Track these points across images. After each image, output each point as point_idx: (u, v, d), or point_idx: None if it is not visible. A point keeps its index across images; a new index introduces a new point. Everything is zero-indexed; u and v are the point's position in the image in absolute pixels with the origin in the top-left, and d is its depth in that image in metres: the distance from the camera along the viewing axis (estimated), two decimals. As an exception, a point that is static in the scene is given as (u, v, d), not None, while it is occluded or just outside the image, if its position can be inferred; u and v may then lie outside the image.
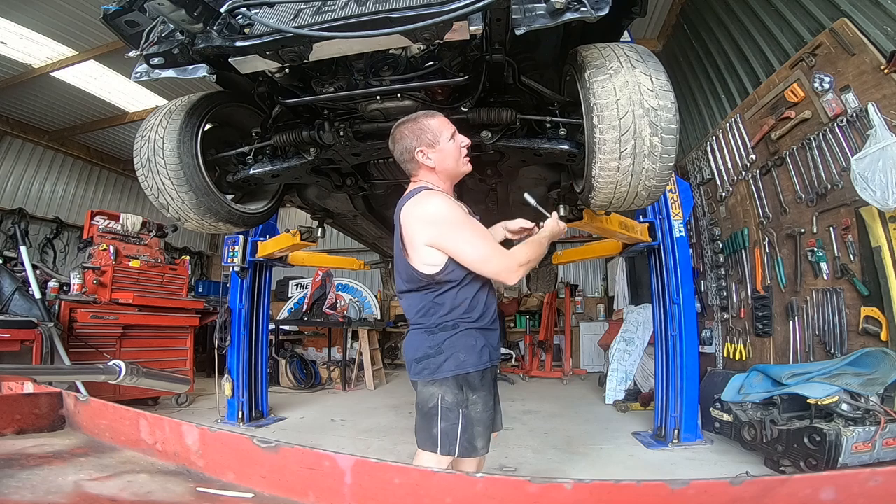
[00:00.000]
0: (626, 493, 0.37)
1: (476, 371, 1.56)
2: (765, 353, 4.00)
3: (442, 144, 1.58)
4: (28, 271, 3.89)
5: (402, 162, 1.63)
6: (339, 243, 9.10)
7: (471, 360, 1.55)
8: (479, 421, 1.56)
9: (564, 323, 7.74)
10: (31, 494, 0.50)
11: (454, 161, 1.62)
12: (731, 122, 4.49)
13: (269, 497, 0.51)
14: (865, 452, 2.47)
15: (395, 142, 1.61)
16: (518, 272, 1.53)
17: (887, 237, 2.90)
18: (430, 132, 1.56)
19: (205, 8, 1.39)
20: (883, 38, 3.03)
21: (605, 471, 3.06)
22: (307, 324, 6.90)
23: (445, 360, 1.54)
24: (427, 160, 1.57)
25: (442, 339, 1.56)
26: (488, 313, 1.64)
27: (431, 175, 1.61)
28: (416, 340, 1.61)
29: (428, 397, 1.56)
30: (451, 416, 1.52)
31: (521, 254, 1.56)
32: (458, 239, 1.50)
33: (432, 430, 1.52)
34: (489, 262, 1.51)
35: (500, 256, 1.52)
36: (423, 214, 1.52)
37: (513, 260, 1.53)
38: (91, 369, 0.86)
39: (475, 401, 1.56)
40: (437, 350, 1.55)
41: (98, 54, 5.63)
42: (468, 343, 1.56)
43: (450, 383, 1.54)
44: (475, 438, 1.55)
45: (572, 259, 4.89)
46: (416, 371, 1.61)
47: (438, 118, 1.60)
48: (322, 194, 2.68)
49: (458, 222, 1.52)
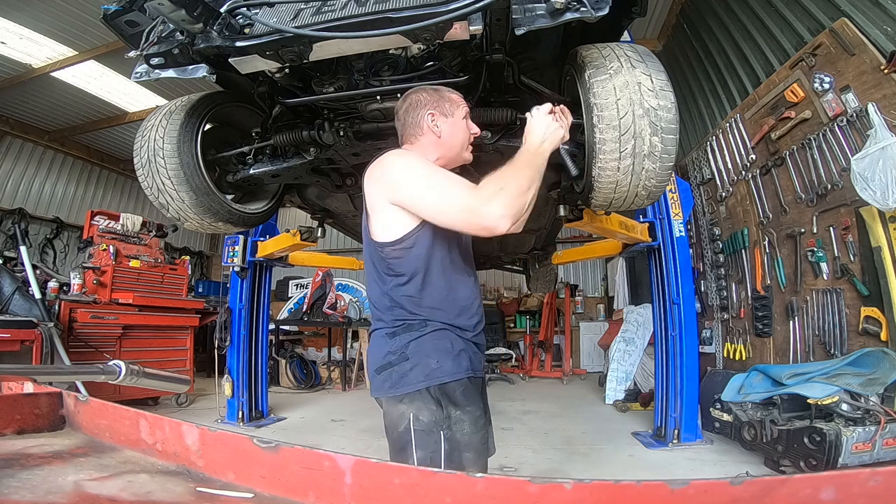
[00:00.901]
0: (626, 493, 0.37)
1: (455, 381, 1.25)
2: (765, 353, 4.00)
3: (456, 118, 1.38)
4: (28, 271, 3.89)
5: (406, 126, 1.39)
6: (339, 243, 9.10)
7: (445, 366, 1.24)
8: (467, 445, 1.25)
9: (564, 323, 7.74)
10: (31, 494, 0.49)
11: (461, 141, 1.39)
12: (731, 122, 4.49)
13: (269, 497, 0.51)
14: (865, 452, 2.47)
15: (407, 100, 1.40)
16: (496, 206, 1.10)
17: (887, 237, 2.90)
18: (448, 102, 1.38)
19: (205, 8, 1.39)
20: (883, 38, 3.03)
21: (605, 471, 3.06)
22: (307, 324, 6.90)
23: (412, 369, 1.23)
24: (435, 126, 1.35)
25: (405, 341, 1.26)
26: (469, 311, 1.34)
27: (430, 147, 1.36)
28: (375, 345, 1.32)
29: (397, 419, 1.23)
30: (430, 441, 1.20)
31: (494, 181, 1.15)
32: (419, 185, 1.21)
33: (407, 462, 1.18)
34: (456, 207, 1.15)
35: (469, 195, 1.15)
36: (387, 167, 1.27)
37: (483, 192, 1.14)
38: (91, 369, 0.86)
39: (460, 418, 1.24)
40: (401, 356, 1.25)
41: (98, 54, 5.64)
42: (441, 346, 1.26)
43: (422, 398, 1.22)
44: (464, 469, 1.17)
45: (572, 259, 4.89)
46: (377, 385, 1.29)
47: (459, 94, 1.43)
48: (322, 194, 2.68)
49: (424, 173, 1.22)
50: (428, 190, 1.20)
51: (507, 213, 1.11)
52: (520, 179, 1.16)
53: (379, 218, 1.28)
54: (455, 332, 1.30)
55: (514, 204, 1.12)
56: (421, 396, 1.22)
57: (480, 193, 1.14)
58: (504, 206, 1.11)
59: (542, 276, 5.55)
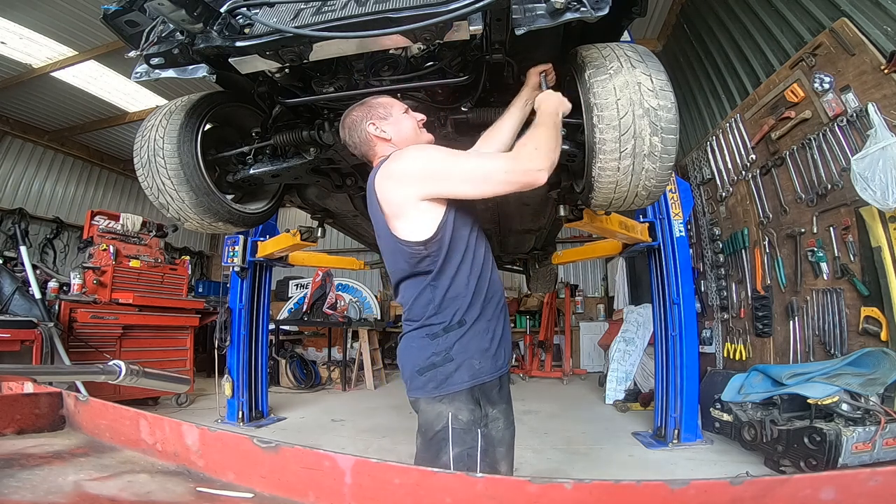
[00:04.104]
0: (626, 493, 0.37)
1: (493, 380, 1.31)
2: (765, 353, 4.00)
3: (395, 116, 1.44)
4: (28, 271, 3.89)
5: (358, 146, 1.46)
6: (339, 243, 9.10)
7: (486, 366, 1.28)
8: (500, 441, 1.31)
9: (564, 323, 7.75)
10: (31, 494, 0.50)
11: (412, 130, 1.45)
12: (731, 122, 4.49)
13: (269, 497, 0.51)
14: (865, 452, 2.47)
15: (346, 128, 1.46)
16: (536, 160, 1.24)
17: (887, 237, 2.90)
18: (380, 107, 1.45)
19: (205, 8, 1.39)
20: (883, 38, 3.03)
21: (605, 471, 3.06)
22: (307, 324, 6.90)
23: (457, 370, 1.26)
24: (382, 132, 1.42)
25: (450, 342, 1.28)
26: (496, 294, 1.38)
27: (391, 148, 1.41)
28: (416, 346, 1.33)
29: (434, 418, 1.26)
30: (468, 439, 1.24)
31: (529, 141, 1.29)
32: (458, 166, 1.28)
33: (440, 459, 1.22)
34: (499, 171, 1.25)
35: (506, 158, 1.27)
36: (406, 168, 1.30)
37: (523, 151, 1.27)
38: (91, 369, 0.86)
39: (496, 416, 1.31)
40: (445, 357, 1.27)
41: (98, 54, 5.64)
42: (481, 346, 1.30)
43: (462, 398, 1.26)
44: (498, 463, 1.29)
45: (572, 259, 4.89)
46: (417, 386, 1.31)
47: (387, 97, 1.50)
48: (322, 194, 2.68)
49: (447, 156, 1.30)
50: (468, 167, 1.28)
51: (545, 166, 1.25)
52: (550, 138, 1.30)
53: (408, 218, 1.30)
54: (489, 324, 1.33)
55: (549, 157, 1.27)
56: (461, 397, 1.26)
57: (520, 155, 1.27)
58: (542, 160, 1.25)
59: (542, 276, 5.55)
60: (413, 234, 1.30)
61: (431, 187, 1.28)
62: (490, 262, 1.42)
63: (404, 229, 1.31)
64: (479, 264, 1.36)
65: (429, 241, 1.29)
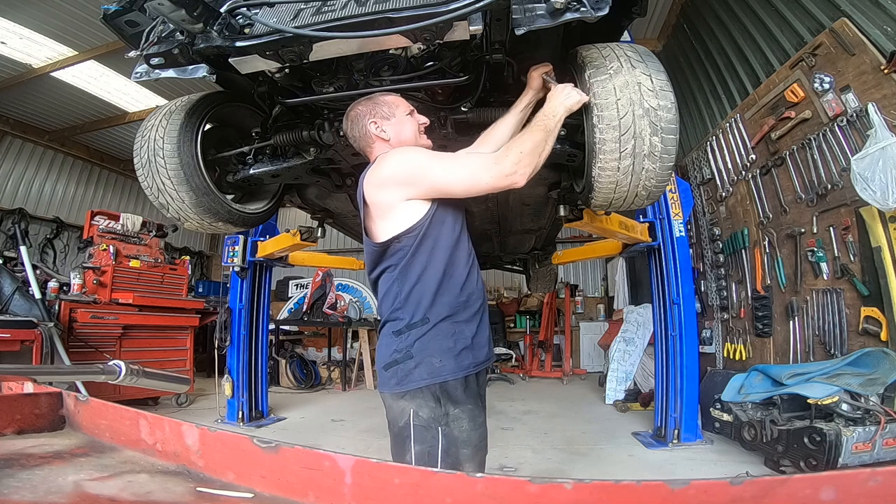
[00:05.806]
0: (626, 493, 0.37)
1: (456, 379, 1.30)
2: (765, 353, 4.00)
3: (398, 117, 1.47)
4: (28, 271, 3.89)
5: (357, 140, 1.50)
6: (339, 243, 9.09)
7: (448, 365, 1.29)
8: (465, 442, 1.29)
9: (564, 323, 7.74)
10: (31, 494, 0.50)
11: (412, 134, 1.47)
12: (731, 122, 4.49)
13: (269, 497, 0.51)
14: (865, 452, 2.47)
15: (350, 119, 1.49)
16: (520, 163, 1.27)
17: (887, 237, 2.90)
18: (385, 106, 1.47)
19: (205, 8, 1.39)
20: (883, 38, 3.03)
21: (605, 471, 3.06)
22: (307, 324, 6.90)
23: (416, 367, 1.29)
24: (382, 132, 1.45)
25: (411, 340, 1.30)
26: (472, 296, 1.38)
27: (388, 149, 1.44)
28: (384, 343, 1.37)
29: (398, 413, 1.30)
30: (427, 437, 1.26)
31: (515, 145, 1.32)
32: (443, 167, 1.33)
33: (405, 456, 1.26)
34: (481, 170, 1.29)
35: (489, 159, 1.31)
36: (390, 173, 1.34)
37: (508, 154, 1.29)
38: (91, 369, 0.86)
39: (458, 416, 1.29)
40: (406, 354, 1.30)
41: (98, 54, 5.63)
42: (444, 345, 1.30)
43: (423, 395, 1.28)
44: (462, 464, 1.27)
45: (572, 259, 4.89)
46: (383, 381, 1.35)
47: (395, 95, 1.52)
48: (322, 194, 2.68)
49: (430, 158, 1.35)
50: (453, 168, 1.33)
51: (525, 172, 1.30)
52: (537, 144, 1.33)
53: (390, 217, 1.34)
54: (457, 326, 1.34)
55: (531, 164, 1.30)
56: (422, 394, 1.28)
57: (504, 158, 1.30)
58: (524, 166, 1.29)
59: (542, 276, 5.55)
60: (387, 231, 1.35)
61: (416, 189, 1.33)
62: (470, 264, 1.43)
63: (383, 227, 1.36)
64: (456, 265, 1.37)
65: (402, 235, 1.33)
